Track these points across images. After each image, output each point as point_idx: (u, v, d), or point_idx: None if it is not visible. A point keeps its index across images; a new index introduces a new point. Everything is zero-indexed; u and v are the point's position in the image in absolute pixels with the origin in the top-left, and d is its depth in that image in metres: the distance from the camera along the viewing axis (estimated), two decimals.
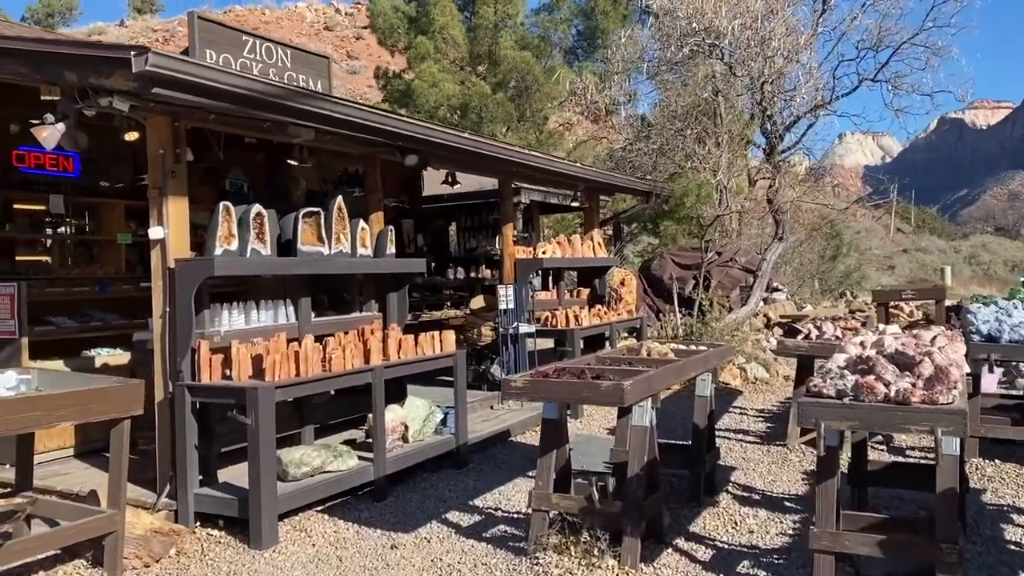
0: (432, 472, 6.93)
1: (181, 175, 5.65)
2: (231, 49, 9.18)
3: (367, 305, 7.32)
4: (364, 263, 6.75)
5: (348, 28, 66.88)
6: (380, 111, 6.18)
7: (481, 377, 9.55)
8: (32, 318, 6.81)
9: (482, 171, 9.34)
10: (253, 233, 5.80)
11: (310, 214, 6.31)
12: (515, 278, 9.59)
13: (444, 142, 6.97)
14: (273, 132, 6.33)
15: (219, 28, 8.99)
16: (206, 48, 8.84)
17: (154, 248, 5.64)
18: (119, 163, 8.56)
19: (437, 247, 16.69)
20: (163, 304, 5.60)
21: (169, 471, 5.58)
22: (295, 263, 6.07)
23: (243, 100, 5.11)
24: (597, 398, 4.42)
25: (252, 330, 6.04)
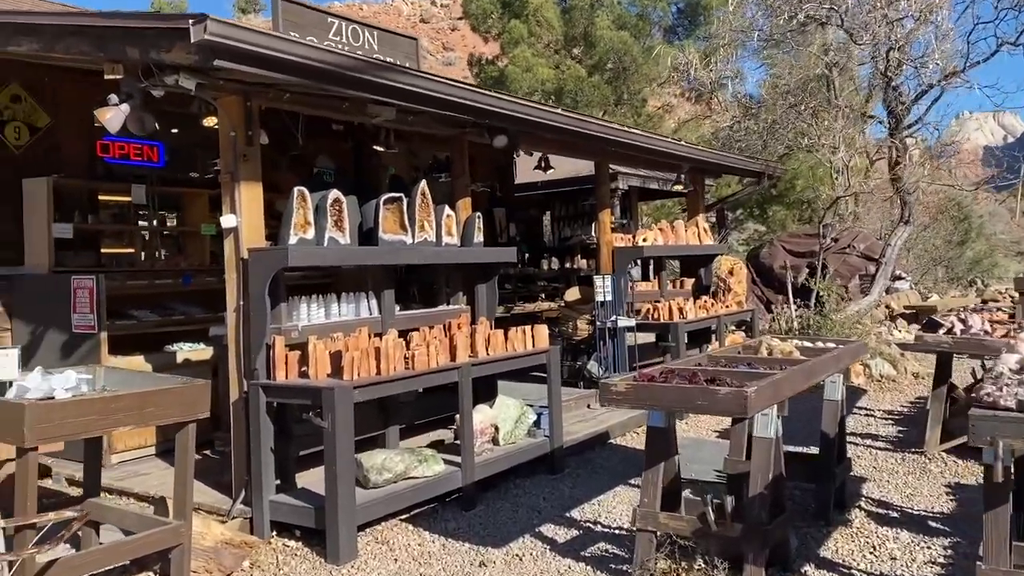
0: (524, 478, 6.39)
1: (254, 159, 5.27)
2: (316, 31, 8.86)
3: (454, 298, 6.83)
4: (449, 252, 6.26)
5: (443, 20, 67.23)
6: (465, 85, 5.66)
7: (577, 374, 8.96)
8: (114, 311, 6.61)
9: (578, 152, 8.72)
10: (331, 221, 5.37)
11: (392, 200, 5.85)
12: (613, 268, 8.94)
13: (536, 119, 6.40)
14: (352, 112, 5.90)
15: (303, 9, 8.68)
16: (290, 31, 8.53)
17: (227, 237, 5.29)
18: (204, 152, 8.34)
19: (530, 237, 16.15)
20: (237, 297, 5.24)
21: (244, 476, 5.22)
22: (375, 253, 5.62)
23: (315, 74, 4.66)
24: (714, 407, 3.77)
25: (332, 324, 5.62)
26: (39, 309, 6.51)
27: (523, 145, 7.68)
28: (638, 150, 8.03)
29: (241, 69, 4.39)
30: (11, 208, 6.65)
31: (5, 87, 6.75)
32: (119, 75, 4.62)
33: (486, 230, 11.69)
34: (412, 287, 7.17)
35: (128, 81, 4.67)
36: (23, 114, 6.87)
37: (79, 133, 7.23)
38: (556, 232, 15.37)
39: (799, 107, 14.10)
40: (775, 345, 5.23)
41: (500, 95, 6.05)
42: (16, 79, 6.81)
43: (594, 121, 7.23)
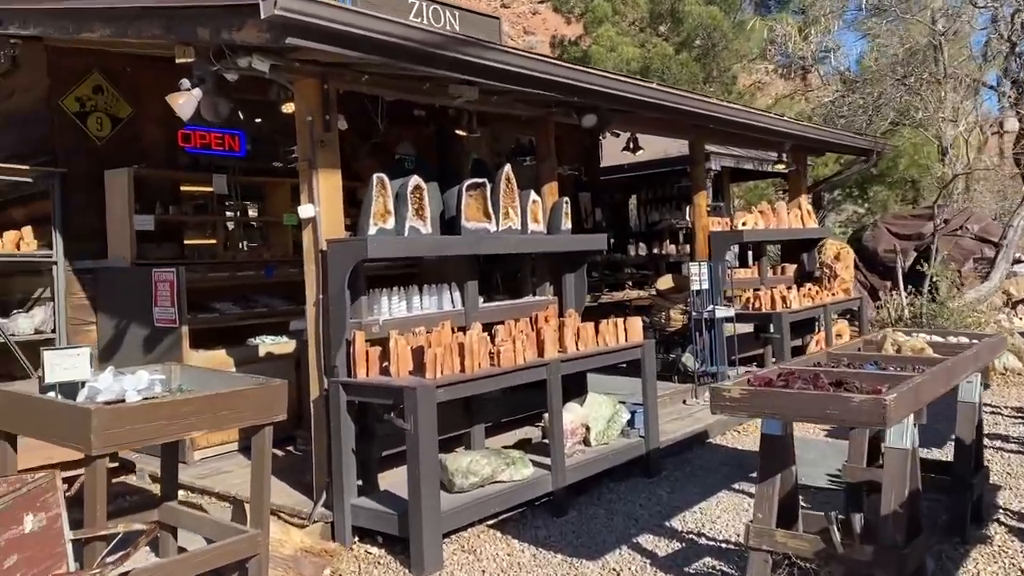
0: (618, 481, 5.98)
1: (332, 145, 4.99)
2: (395, 13, 8.55)
3: (541, 288, 6.45)
4: (536, 240, 5.88)
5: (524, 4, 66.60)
6: (552, 60, 5.24)
7: (671, 367, 8.47)
8: (196, 304, 6.48)
9: (672, 131, 8.20)
10: (411, 209, 5.05)
11: (475, 186, 5.50)
12: (709, 253, 8.41)
13: (628, 95, 5.93)
14: (434, 94, 5.56)
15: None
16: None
17: (305, 228, 5.03)
18: (285, 140, 8.16)
19: (616, 222, 15.62)
20: (316, 291, 4.98)
21: (325, 478, 4.98)
22: (457, 242, 5.28)
23: (394, 51, 4.33)
24: (847, 416, 3.28)
25: (414, 318, 5.32)
26: (122, 302, 6.44)
27: (613, 124, 7.22)
28: (738, 127, 7.46)
29: (316, 47, 4.09)
30: (95, 200, 6.59)
31: (87, 78, 6.68)
32: (190, 58, 4.39)
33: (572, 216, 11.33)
34: (497, 277, 6.83)
35: (200, 64, 4.44)
36: (105, 104, 6.80)
37: (161, 123, 7.12)
38: (643, 217, 14.83)
39: (907, 79, 13.12)
40: (902, 341, 4.66)
41: (589, 70, 5.62)
42: (97, 69, 6.73)
43: (691, 96, 6.72)
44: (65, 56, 6.54)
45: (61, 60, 6.57)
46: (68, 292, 6.57)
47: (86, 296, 6.65)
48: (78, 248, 6.59)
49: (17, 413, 3.69)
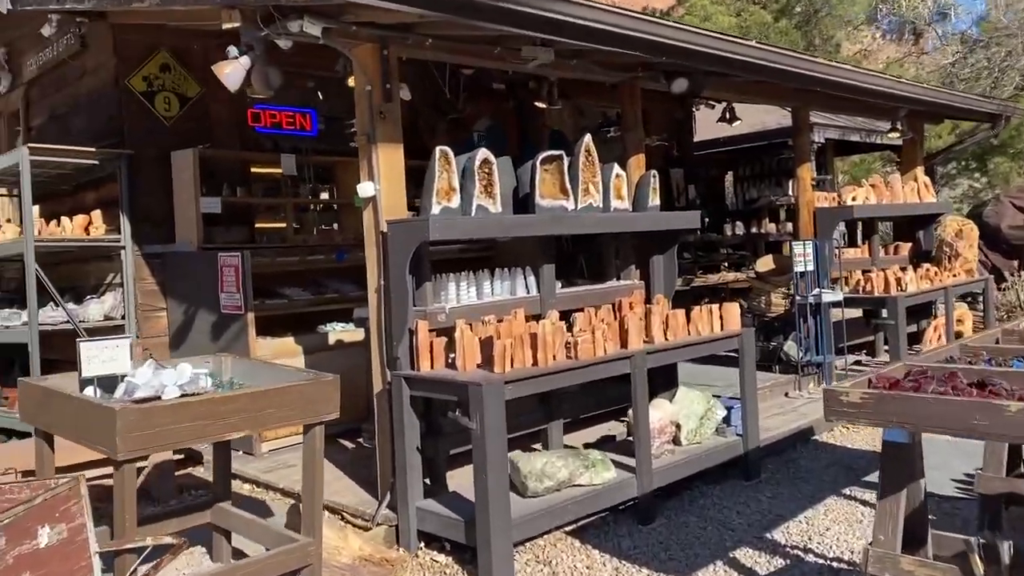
0: (712, 484, 5.41)
1: (393, 117, 4.58)
2: None
3: (625, 271, 5.90)
4: (619, 219, 5.33)
5: None
6: (634, 13, 4.67)
7: (771, 356, 7.79)
8: (264, 290, 6.24)
9: (772, 97, 7.48)
10: (479, 186, 4.59)
11: (550, 159, 4.99)
12: (815, 232, 7.66)
13: (724, 53, 5.30)
14: (505, 59, 5.07)
15: None
16: None
17: (365, 208, 4.65)
18: None
19: (711, 199, 14.81)
20: (377, 276, 4.60)
21: (390, 477, 4.61)
22: (530, 222, 4.79)
23: (455, 5, 3.85)
24: (1004, 430, 2.64)
25: (484, 306, 4.87)
26: (190, 288, 6.24)
27: (706, 90, 6.56)
28: (848, 90, 6.68)
29: (367, 2, 3.66)
30: (163, 182, 6.40)
31: (153, 56, 6.48)
32: (236, 23, 4.03)
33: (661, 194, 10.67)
34: (577, 259, 6.31)
35: (247, 30, 4.08)
36: (172, 83, 6.59)
37: (230, 102, 6.87)
38: (740, 193, 14.00)
39: None
40: None
41: (678, 25, 5.02)
42: (165, 47, 6.52)
43: (796, 55, 6.01)
44: (131, 34, 6.36)
45: (127, 39, 6.39)
46: (137, 277, 6.42)
47: (155, 281, 6.49)
48: (147, 232, 6.43)
49: (50, 409, 3.43)
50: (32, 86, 7.54)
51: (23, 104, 7.62)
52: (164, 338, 6.46)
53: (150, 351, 6.44)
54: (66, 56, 6.81)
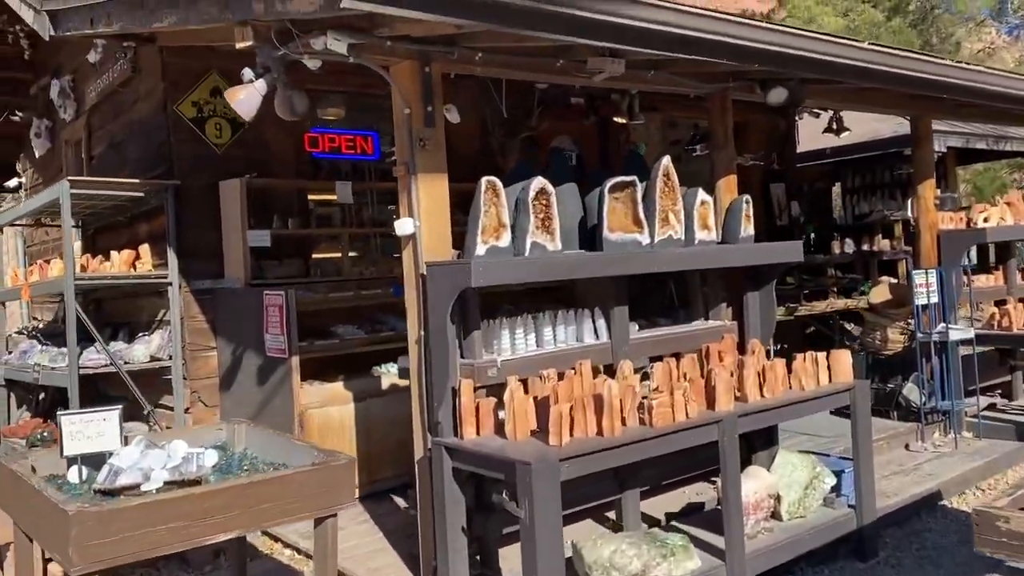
0: (819, 565, 4.56)
1: (436, 144, 3.98)
2: None
3: (715, 310, 5.12)
4: (703, 254, 4.56)
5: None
6: (716, 14, 3.92)
7: (888, 400, 6.81)
8: (314, 329, 5.76)
9: (884, 106, 6.55)
10: (534, 220, 3.93)
11: (621, 186, 4.29)
12: (939, 258, 6.66)
13: (828, 58, 4.47)
14: (569, 72, 4.40)
15: None
16: None
17: (405, 248, 4.07)
18: None
19: (817, 213, 13.68)
20: (418, 325, 4.00)
21: (432, 558, 3.99)
22: (593, 261, 4.09)
23: (497, 11, 3.21)
24: None
25: (544, 357, 4.20)
26: (237, 327, 5.82)
27: (808, 100, 5.73)
28: (980, 95, 5.68)
29: (383, 11, 3.07)
30: (213, 214, 6.02)
31: (204, 80, 6.11)
32: (249, 41, 3.52)
33: (760, 211, 9.72)
34: (660, 289, 5.56)
35: (263, 49, 3.57)
36: (224, 109, 6.19)
37: (285, 126, 6.39)
38: (848, 207, 12.89)
39: None
40: None
41: (771, 26, 4.23)
42: (216, 70, 6.15)
43: (915, 56, 5.10)
44: (180, 58, 6.01)
45: (177, 62, 6.04)
46: (187, 315, 6.04)
47: (205, 319, 6.10)
48: (196, 267, 6.05)
49: (18, 497, 2.95)
50: (93, 113, 7.34)
51: (85, 132, 7.44)
52: (214, 380, 6.07)
53: (198, 394, 6.07)
54: (120, 82, 6.54)
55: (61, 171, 8.03)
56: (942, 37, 18.69)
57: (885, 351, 6.94)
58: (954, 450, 6.28)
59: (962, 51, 19.20)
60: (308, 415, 5.29)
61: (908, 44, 17.30)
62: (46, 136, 8.26)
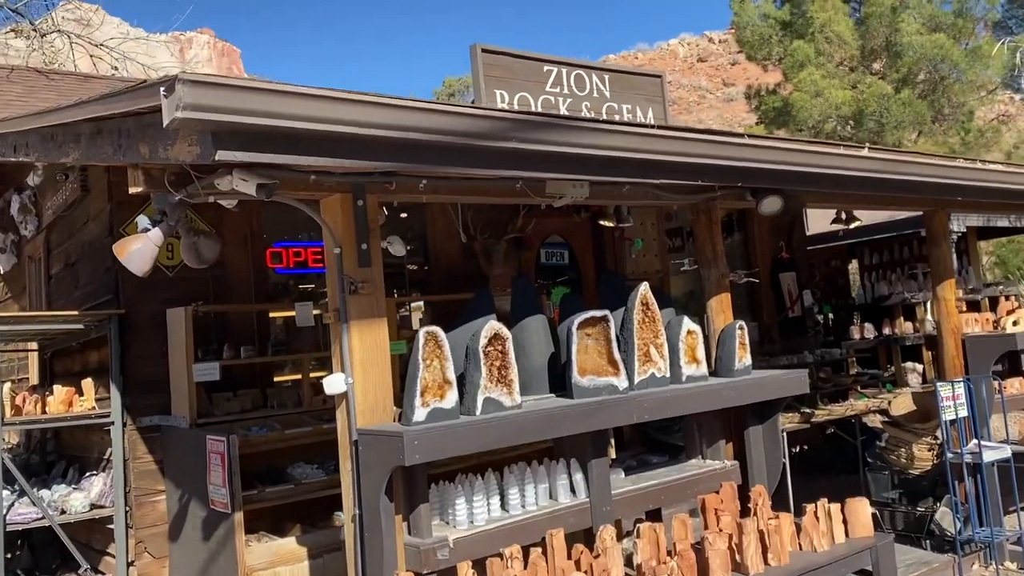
0: None
1: (374, 285, 3.45)
2: (529, 85, 7.11)
3: (712, 448, 4.50)
4: (693, 396, 3.96)
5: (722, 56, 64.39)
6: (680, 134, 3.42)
7: (919, 526, 6.07)
8: (269, 472, 5.21)
9: (897, 204, 6.01)
10: (486, 372, 3.37)
11: (591, 322, 3.73)
12: (966, 367, 6.00)
13: (819, 170, 3.94)
14: (529, 194, 3.90)
15: (509, 60, 6.95)
16: (495, 88, 6.86)
17: (339, 408, 3.50)
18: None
19: (833, 294, 13.10)
20: (353, 500, 3.40)
21: None
22: (559, 418, 3.50)
23: (400, 149, 2.71)
24: None
25: (507, 528, 3.58)
26: (184, 470, 5.24)
27: (809, 203, 5.20)
28: (999, 194, 5.15)
29: (261, 159, 2.58)
30: (162, 344, 5.51)
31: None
32: (140, 187, 3.05)
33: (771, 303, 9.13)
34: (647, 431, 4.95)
35: (157, 194, 3.09)
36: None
37: (245, 241, 6.04)
38: (867, 286, 12.25)
39: None
40: None
41: (756, 141, 3.71)
42: None
43: (920, 161, 4.58)
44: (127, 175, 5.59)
45: (124, 182, 5.60)
46: (133, 455, 5.47)
47: (154, 460, 5.53)
48: (144, 402, 5.51)
49: None
50: (51, 231, 6.96)
51: (44, 250, 7.04)
52: (163, 527, 5.47)
53: (144, 544, 5.47)
54: (71, 201, 6.15)
55: (25, 288, 7.64)
56: (954, 106, 18.27)
57: (912, 469, 6.22)
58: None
59: (975, 120, 18.78)
60: None
61: (919, 116, 16.91)
62: (11, 251, 7.89)
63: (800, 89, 17.85)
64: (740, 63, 54.42)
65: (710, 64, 64.59)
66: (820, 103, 17.25)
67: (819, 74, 17.80)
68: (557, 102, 7.13)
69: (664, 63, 63.53)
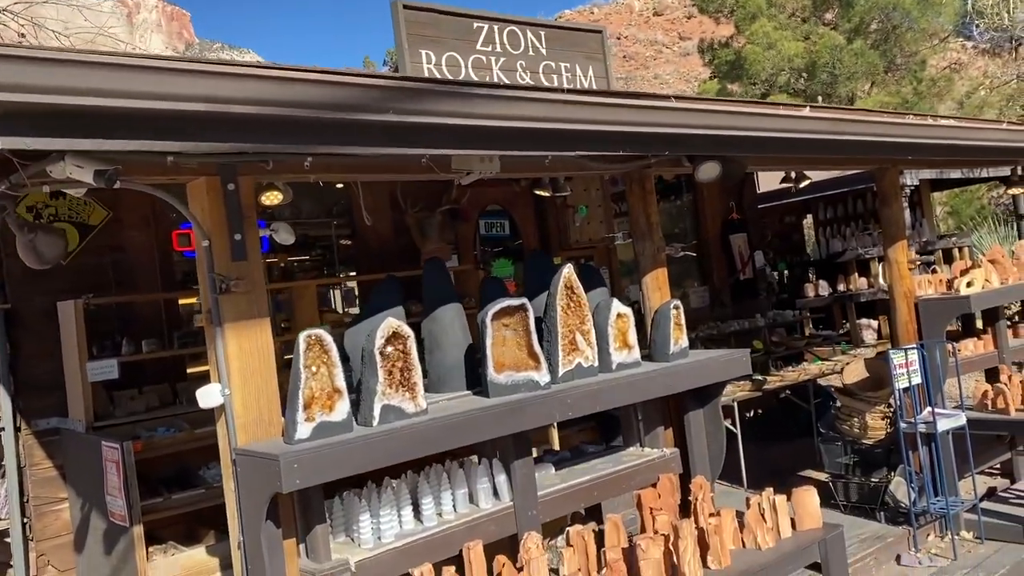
0: None
1: (252, 281, 3.02)
2: (459, 43, 6.55)
3: (651, 436, 4.17)
4: (622, 387, 3.61)
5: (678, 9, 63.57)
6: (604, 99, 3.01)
7: (872, 496, 5.86)
8: (182, 475, 4.79)
9: (846, 164, 5.68)
10: (384, 377, 2.98)
11: (508, 312, 3.35)
12: (918, 332, 5.75)
13: (761, 132, 3.57)
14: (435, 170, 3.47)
15: (436, 17, 6.42)
16: (421, 48, 6.34)
17: (218, 422, 3.09)
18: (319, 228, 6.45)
19: (787, 251, 12.89)
20: (239, 527, 3.01)
21: None
22: (469, 424, 3.12)
23: (245, 127, 2.27)
24: None
25: (419, 544, 3.22)
26: (86, 479, 4.80)
27: (752, 166, 4.84)
28: (953, 151, 4.83)
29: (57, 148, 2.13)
30: (56, 339, 5.03)
31: None
32: None
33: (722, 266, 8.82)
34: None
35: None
36: (69, 211, 5.26)
37: (147, 225, 5.54)
38: (822, 242, 12.04)
39: None
40: None
41: (686, 104, 3.30)
42: None
43: (868, 119, 4.22)
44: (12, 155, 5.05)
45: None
46: (31, 461, 5.01)
47: (53, 465, 5.07)
48: (39, 403, 5.03)
49: None
50: None
51: None
52: (67, 538, 5.04)
53: (47, 557, 5.04)
54: None
55: None
56: (906, 56, 18.04)
57: (865, 439, 5.99)
58: (952, 560, 5.32)
59: (928, 70, 18.57)
60: None
61: (871, 66, 16.64)
62: None
63: (752, 42, 17.46)
64: (696, 17, 53.81)
65: (666, 18, 63.75)
66: (773, 56, 16.89)
67: (771, 26, 17.42)
68: (489, 62, 6.63)
69: (620, 18, 62.62)
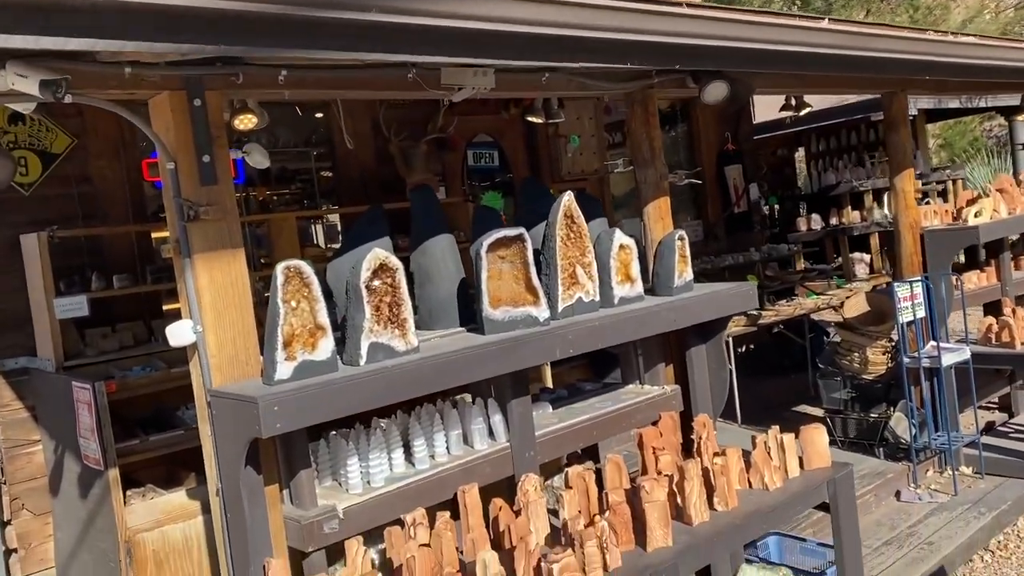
0: None
1: (223, 208, 2.75)
2: None
3: (651, 373, 3.99)
4: (625, 322, 3.39)
5: None
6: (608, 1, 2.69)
7: (872, 433, 5.74)
8: (160, 416, 4.58)
9: (853, 87, 5.39)
10: (371, 313, 2.74)
11: (504, 243, 3.10)
12: (923, 265, 5.56)
13: (773, 45, 3.28)
14: (424, 87, 3.17)
15: None
16: None
17: (191, 362, 2.85)
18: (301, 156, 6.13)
19: (779, 185, 12.68)
20: (216, 472, 2.80)
21: None
22: (464, 363, 2.90)
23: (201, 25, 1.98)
24: None
25: (411, 487, 3.03)
26: (57, 420, 4.58)
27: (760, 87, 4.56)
28: (967, 71, 4.55)
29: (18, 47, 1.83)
30: (20, 274, 4.75)
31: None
32: None
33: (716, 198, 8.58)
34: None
35: None
36: (30, 138, 4.91)
37: (116, 153, 5.21)
38: (814, 175, 11.82)
39: None
40: None
41: (697, 11, 3.00)
42: None
43: (889, 34, 3.93)
44: None
45: None
46: (0, 403, 4.79)
47: (24, 407, 4.84)
48: (5, 341, 4.79)
49: None
50: None
51: None
52: (42, 481, 4.84)
53: (21, 500, 4.85)
54: None
55: None
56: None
57: (865, 374, 5.85)
58: (953, 495, 5.24)
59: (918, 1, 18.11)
60: (139, 540, 4.09)
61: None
62: None
63: None
64: None
65: None
66: None
67: None
68: None
69: None
